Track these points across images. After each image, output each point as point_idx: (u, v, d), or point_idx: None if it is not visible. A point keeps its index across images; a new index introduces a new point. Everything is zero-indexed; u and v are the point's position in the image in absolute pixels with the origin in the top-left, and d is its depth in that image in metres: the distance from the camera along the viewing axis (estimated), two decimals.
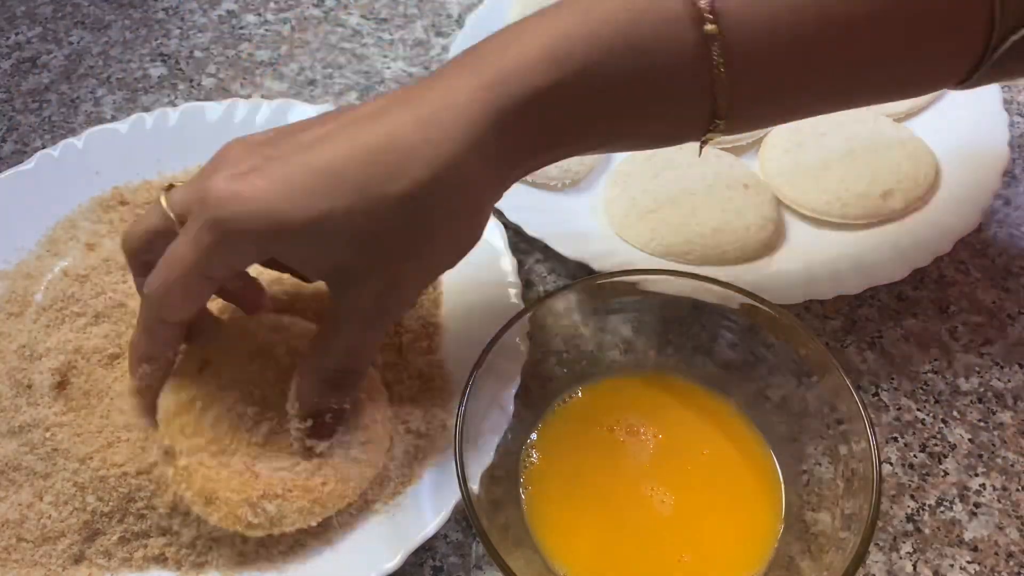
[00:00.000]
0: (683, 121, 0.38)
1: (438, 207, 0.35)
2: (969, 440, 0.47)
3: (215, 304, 0.45)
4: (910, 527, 0.44)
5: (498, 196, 0.39)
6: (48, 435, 0.42)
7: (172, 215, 0.37)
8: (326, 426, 0.40)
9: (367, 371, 0.41)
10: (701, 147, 0.41)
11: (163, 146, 0.56)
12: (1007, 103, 0.59)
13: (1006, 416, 0.48)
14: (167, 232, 0.37)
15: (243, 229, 0.34)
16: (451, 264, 0.39)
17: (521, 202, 0.54)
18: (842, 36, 0.37)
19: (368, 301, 0.37)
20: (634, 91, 0.36)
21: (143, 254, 0.38)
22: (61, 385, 0.44)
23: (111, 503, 0.40)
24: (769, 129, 0.58)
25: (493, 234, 0.51)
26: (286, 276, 0.46)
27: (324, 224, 0.34)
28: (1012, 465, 0.46)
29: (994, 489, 0.45)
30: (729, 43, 0.35)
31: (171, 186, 0.39)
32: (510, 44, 0.36)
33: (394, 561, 0.39)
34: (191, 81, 0.66)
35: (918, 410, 0.48)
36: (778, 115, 0.42)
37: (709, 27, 0.35)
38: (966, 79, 0.40)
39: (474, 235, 0.38)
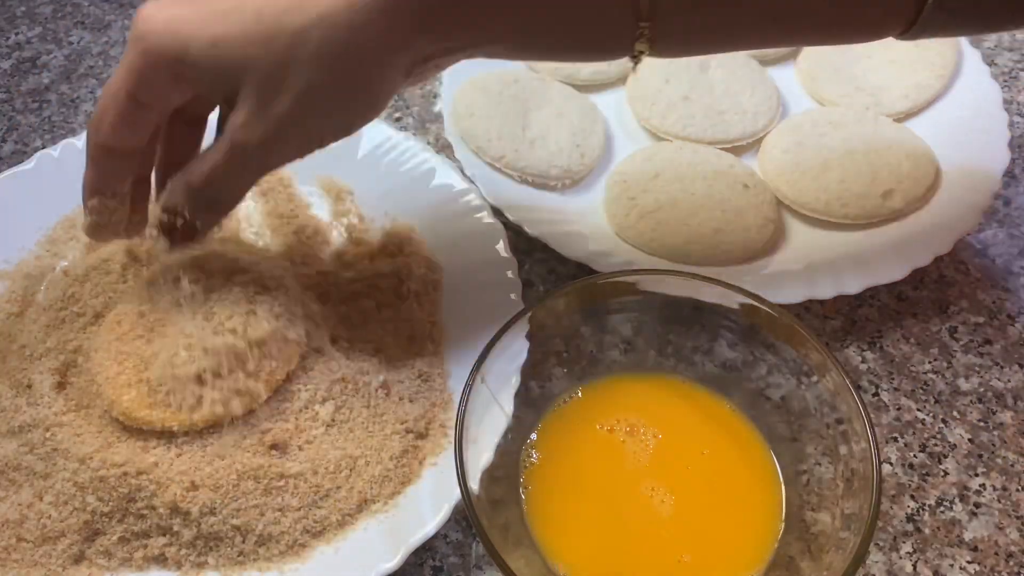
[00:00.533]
0: (604, 21, 0.38)
1: (328, 50, 0.35)
2: (969, 440, 0.47)
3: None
4: (910, 527, 0.44)
5: (401, 63, 0.37)
6: (48, 435, 0.42)
7: None
8: (175, 230, 0.40)
9: (231, 204, 0.41)
10: (635, 65, 0.40)
11: None
12: (1007, 103, 0.59)
13: (1006, 416, 0.48)
14: None
15: (156, 48, 0.37)
16: (340, 128, 0.39)
17: (521, 202, 0.54)
18: None
19: (241, 124, 0.37)
20: None
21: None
22: (61, 385, 0.44)
23: (111, 503, 0.40)
24: (769, 129, 0.58)
25: (493, 234, 0.51)
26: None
27: (222, 44, 0.36)
28: (1012, 465, 0.46)
29: (994, 489, 0.45)
30: None
31: None
32: None
33: (394, 561, 0.39)
34: None
35: (918, 410, 0.48)
36: (707, 32, 0.40)
37: None
38: (907, 29, 0.39)
39: (366, 100, 0.38)
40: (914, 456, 0.47)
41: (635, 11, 0.37)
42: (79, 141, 0.55)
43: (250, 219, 0.54)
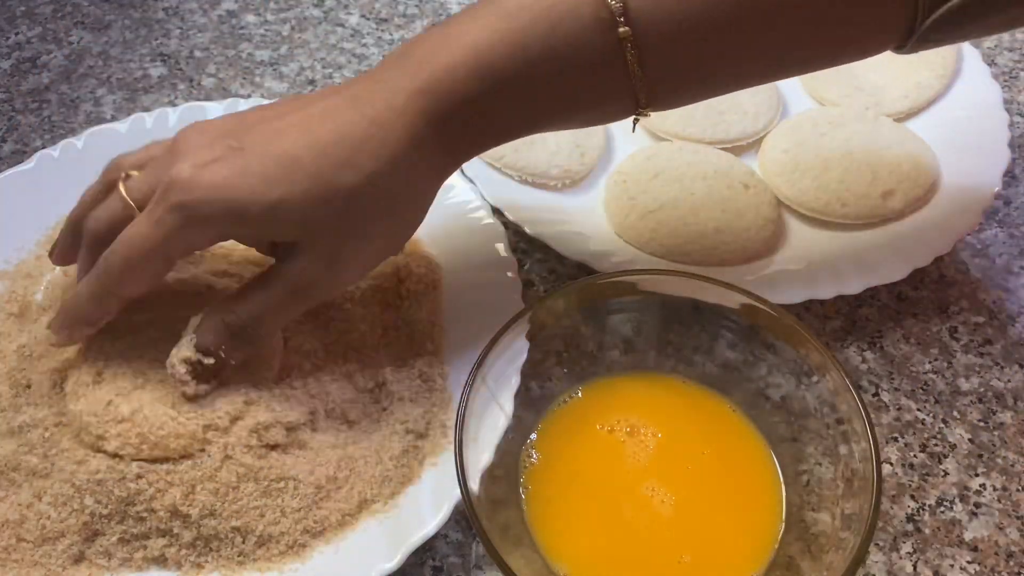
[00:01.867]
0: (608, 114, 0.42)
1: (382, 195, 0.39)
2: (969, 440, 0.47)
3: None
4: (910, 527, 0.44)
5: (438, 185, 0.42)
6: (47, 435, 0.42)
7: (131, 202, 0.39)
8: (206, 369, 0.40)
9: (268, 341, 0.42)
10: (635, 124, 0.44)
11: None
12: (1007, 103, 0.59)
13: (1006, 416, 0.48)
14: (125, 220, 0.39)
15: (207, 213, 0.37)
16: (394, 249, 0.43)
17: (521, 202, 0.54)
18: (757, 20, 0.38)
19: (305, 272, 0.39)
20: (556, 93, 0.40)
21: (99, 238, 0.40)
22: (60, 386, 0.44)
23: (109, 506, 0.40)
24: (769, 129, 0.58)
25: (493, 234, 0.51)
26: (236, 251, 0.48)
27: (280, 208, 0.37)
28: (1012, 465, 0.46)
29: (994, 489, 0.45)
30: (642, 44, 0.38)
31: (127, 175, 0.41)
32: (439, 50, 0.39)
33: (394, 561, 0.39)
34: (191, 81, 0.66)
35: (918, 410, 0.48)
36: (702, 95, 0.43)
37: (622, 30, 0.37)
38: (901, 45, 0.41)
39: (415, 221, 0.42)
40: (914, 456, 0.47)
41: (635, 103, 0.40)
42: (79, 141, 0.55)
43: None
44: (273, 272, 0.40)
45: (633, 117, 0.42)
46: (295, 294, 0.40)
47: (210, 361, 0.40)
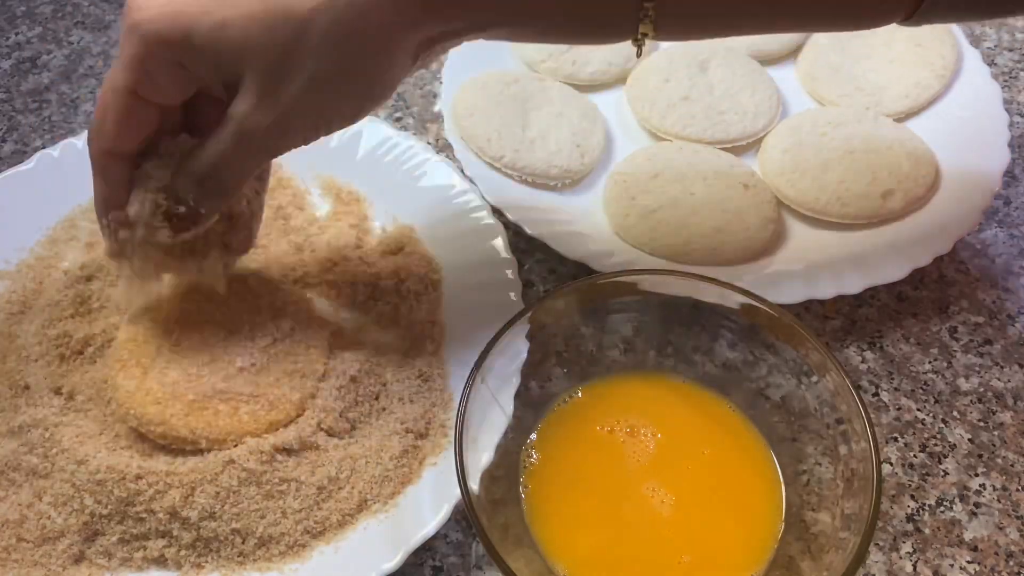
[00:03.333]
0: (607, 17, 0.38)
1: (336, 35, 0.35)
2: (969, 440, 0.47)
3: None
4: (910, 527, 0.44)
5: (405, 47, 0.37)
6: (47, 435, 0.42)
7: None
8: (178, 216, 0.40)
9: (234, 190, 0.41)
10: (639, 50, 0.40)
11: None
12: (1007, 103, 0.59)
13: (1006, 416, 0.48)
14: None
15: (156, 32, 0.35)
16: (349, 114, 0.39)
17: (521, 202, 0.54)
18: None
19: (249, 115, 0.37)
20: None
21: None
22: (59, 386, 0.44)
23: (109, 506, 0.40)
24: (769, 129, 0.58)
25: (493, 234, 0.51)
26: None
27: (226, 29, 0.35)
28: (1012, 465, 0.46)
29: (994, 489, 0.45)
30: None
31: None
32: None
33: (394, 561, 0.39)
34: None
35: (918, 410, 0.48)
36: (710, 16, 0.40)
37: None
38: (910, 15, 0.40)
39: (376, 84, 0.38)
40: (914, 456, 0.47)
41: (637, 8, 0.37)
42: (79, 141, 0.55)
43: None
44: (225, 119, 0.38)
45: (635, 32, 0.38)
46: (243, 139, 0.37)
47: (181, 209, 0.39)
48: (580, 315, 0.43)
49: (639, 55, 0.41)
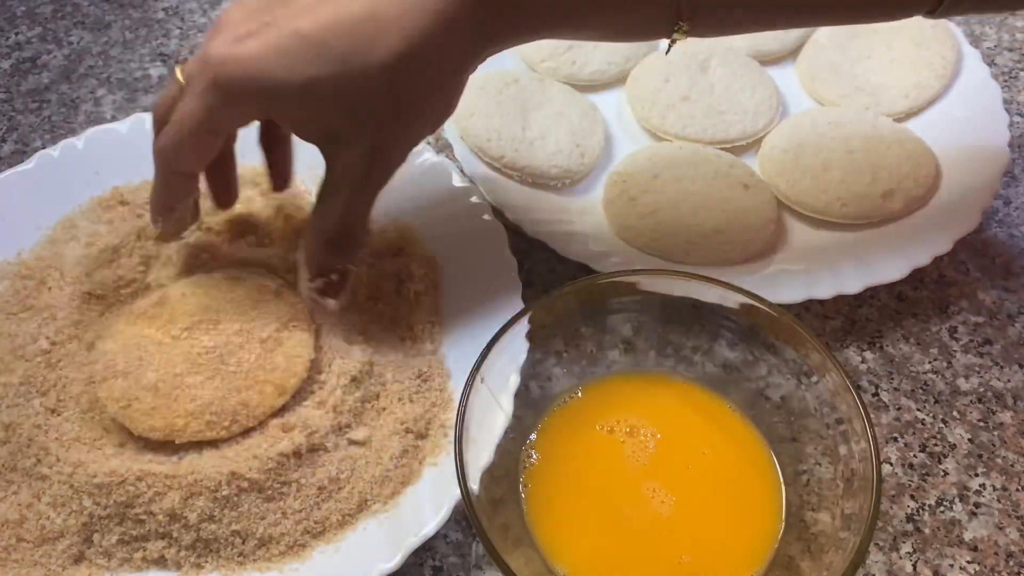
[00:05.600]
0: (647, 19, 0.41)
1: (414, 76, 0.38)
2: (969, 440, 0.47)
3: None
4: (910, 527, 0.44)
5: (471, 69, 0.41)
6: (46, 436, 0.42)
7: (183, 82, 0.40)
8: (332, 284, 0.45)
9: (364, 234, 0.44)
10: (670, 45, 0.42)
11: None
12: (1007, 103, 0.59)
13: (1006, 416, 0.48)
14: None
15: (240, 88, 0.37)
16: (430, 131, 0.42)
17: (521, 202, 0.54)
18: None
19: (356, 164, 0.40)
20: None
21: (163, 121, 0.41)
22: (52, 386, 0.44)
23: (108, 508, 0.40)
24: (769, 129, 0.59)
25: (493, 234, 0.51)
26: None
27: (311, 89, 0.37)
28: (1012, 465, 0.46)
29: (994, 489, 0.45)
30: None
31: (185, 59, 0.42)
32: None
33: (394, 561, 0.39)
34: None
35: (918, 410, 0.48)
36: (742, 22, 0.43)
37: None
38: (935, 8, 0.41)
39: (449, 104, 0.41)
40: (914, 456, 0.47)
41: (676, 11, 0.39)
42: (79, 141, 0.55)
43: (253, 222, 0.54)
44: (329, 175, 0.41)
45: (670, 35, 0.41)
46: (355, 188, 0.41)
47: (334, 277, 0.44)
48: (580, 315, 0.43)
49: (667, 51, 0.44)
